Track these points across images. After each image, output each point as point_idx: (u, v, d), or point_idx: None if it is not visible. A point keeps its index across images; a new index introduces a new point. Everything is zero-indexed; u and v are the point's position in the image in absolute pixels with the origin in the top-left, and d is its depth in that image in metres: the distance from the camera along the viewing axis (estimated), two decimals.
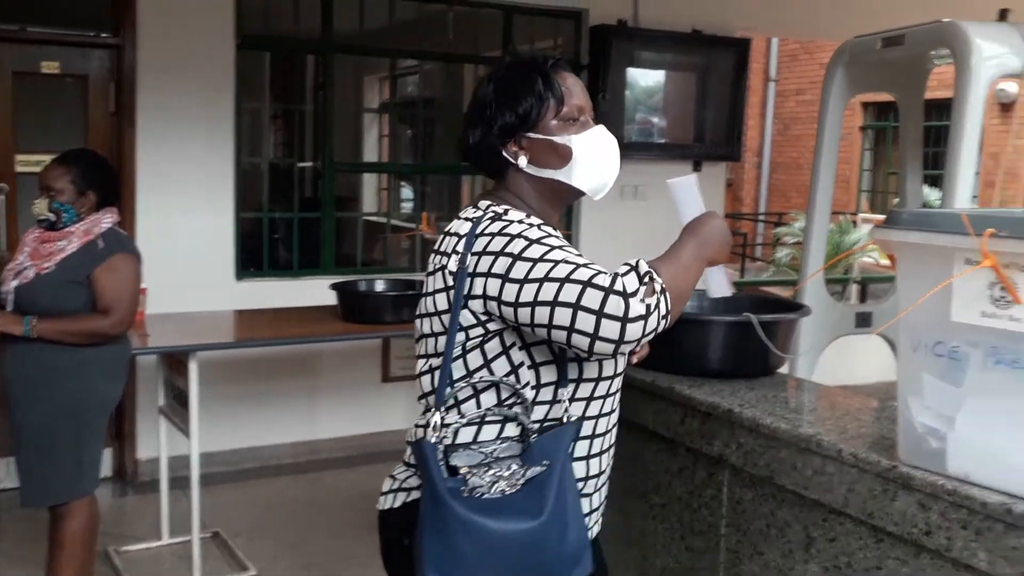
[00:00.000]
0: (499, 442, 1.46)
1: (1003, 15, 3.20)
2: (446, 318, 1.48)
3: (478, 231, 1.47)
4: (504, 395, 1.48)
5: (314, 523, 4.08)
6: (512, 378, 1.46)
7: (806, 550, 1.70)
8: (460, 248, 1.47)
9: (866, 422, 1.74)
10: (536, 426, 1.47)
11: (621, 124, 5.40)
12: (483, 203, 1.55)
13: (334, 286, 3.94)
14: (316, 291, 4.25)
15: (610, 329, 1.33)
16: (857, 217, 11.26)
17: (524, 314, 1.39)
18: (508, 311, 1.41)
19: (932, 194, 10.11)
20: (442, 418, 1.46)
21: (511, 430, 1.48)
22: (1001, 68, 3.07)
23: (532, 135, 1.55)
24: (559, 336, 1.37)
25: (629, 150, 5.29)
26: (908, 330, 1.45)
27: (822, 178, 3.78)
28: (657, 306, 1.36)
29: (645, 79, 5.70)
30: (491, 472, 1.42)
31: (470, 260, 1.45)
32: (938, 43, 3.24)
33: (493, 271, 1.42)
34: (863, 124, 13.31)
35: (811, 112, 12.58)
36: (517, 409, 1.47)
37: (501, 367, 1.47)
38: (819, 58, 12.41)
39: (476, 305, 1.44)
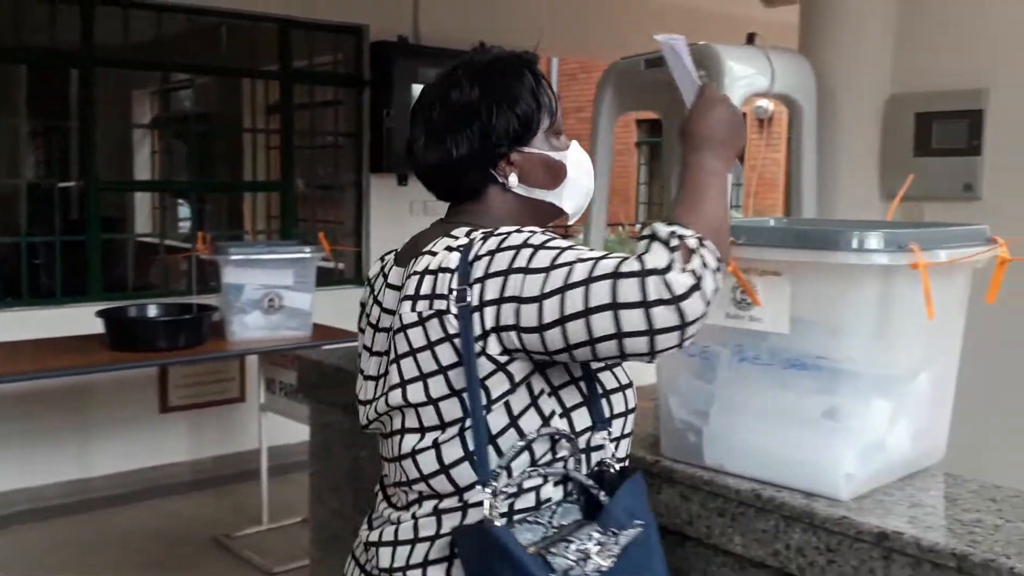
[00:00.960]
0: (555, 507, 1.21)
1: (751, 39, 3.46)
2: (456, 375, 1.19)
3: (471, 255, 1.19)
4: (542, 450, 1.21)
5: (90, 566, 3.82)
6: (547, 430, 1.21)
7: None
8: (455, 284, 1.19)
9: (638, 421, 1.83)
10: (590, 481, 1.23)
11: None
12: (461, 230, 1.26)
13: (100, 313, 3.71)
14: (83, 319, 3.98)
15: (665, 317, 1.08)
16: (635, 228, 11.86)
17: (554, 338, 1.13)
18: (533, 340, 1.14)
19: None
20: (493, 494, 1.16)
21: (550, 492, 1.22)
22: (750, 87, 3.32)
23: (526, 150, 1.32)
24: (609, 349, 1.11)
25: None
26: None
27: (597, 193, 3.95)
28: (704, 265, 1.10)
29: None
30: (574, 547, 1.14)
31: (472, 292, 1.17)
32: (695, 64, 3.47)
33: (505, 295, 1.15)
34: (638, 140, 14.06)
35: (590, 129, 13.14)
36: (571, 463, 1.23)
37: (530, 423, 1.20)
38: (596, 77, 12.98)
39: (493, 347, 1.17)
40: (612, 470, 1.26)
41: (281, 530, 4.16)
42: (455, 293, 1.18)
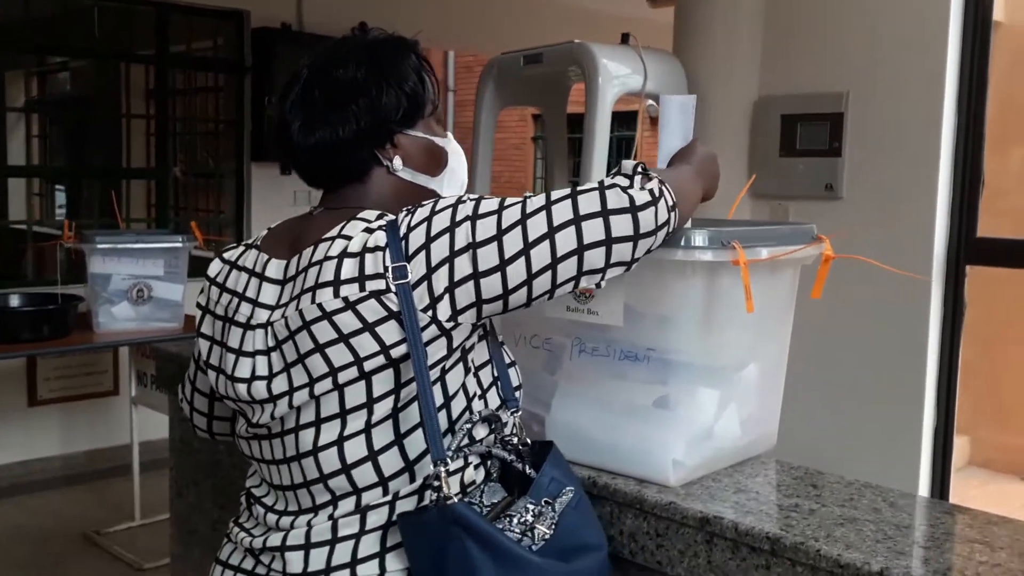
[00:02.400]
0: (482, 487, 1.21)
1: (625, 39, 3.54)
2: (399, 351, 1.14)
3: (403, 230, 1.15)
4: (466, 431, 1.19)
5: None
6: (477, 407, 1.21)
7: None
8: (389, 262, 1.14)
9: None
10: (513, 456, 1.24)
11: None
12: (370, 213, 1.21)
13: None
14: None
15: (622, 225, 1.12)
16: None
17: (516, 271, 1.12)
18: (492, 282, 1.12)
19: None
20: (446, 474, 1.12)
21: (472, 474, 1.21)
22: (624, 87, 3.39)
23: (411, 132, 1.28)
24: (568, 269, 1.12)
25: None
26: (512, 326, 1.57)
27: (478, 185, 3.98)
28: (662, 194, 1.16)
29: None
30: (515, 521, 1.15)
31: (415, 264, 1.13)
32: (571, 62, 3.53)
33: (456, 248, 1.13)
34: (534, 135, 14.16)
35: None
36: (492, 440, 1.23)
37: (459, 404, 1.20)
38: None
39: (443, 310, 1.13)
40: (523, 445, 1.27)
41: (153, 526, 4.06)
42: (391, 270, 1.14)
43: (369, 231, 1.18)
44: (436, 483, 1.12)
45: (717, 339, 1.40)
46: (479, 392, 1.23)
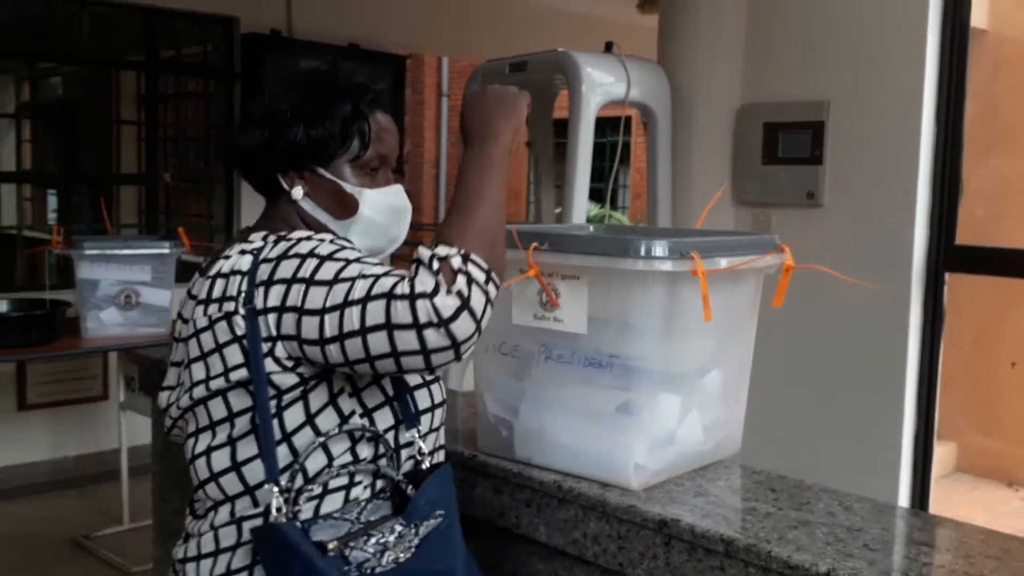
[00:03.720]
0: (365, 504, 1.23)
1: (608, 47, 3.57)
2: (241, 374, 1.20)
3: (262, 258, 1.22)
4: (339, 449, 1.23)
5: None
6: (351, 425, 1.24)
7: None
8: (244, 287, 1.21)
9: (467, 419, 1.89)
10: (400, 476, 1.27)
11: None
12: (258, 234, 1.29)
13: None
14: None
15: (437, 339, 1.11)
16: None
17: (334, 352, 1.15)
18: (314, 352, 1.17)
19: (594, 208, 11.01)
20: (286, 492, 1.19)
21: (359, 492, 1.24)
22: (607, 95, 3.43)
23: (320, 171, 1.33)
24: (386, 366, 1.14)
25: None
26: (483, 335, 1.59)
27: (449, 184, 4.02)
28: (471, 282, 1.13)
29: None
30: (373, 540, 1.18)
31: (258, 295, 1.19)
32: (555, 70, 3.56)
33: (287, 304, 1.18)
34: (528, 140, 14.18)
35: None
36: (384, 462, 1.26)
37: (327, 422, 1.22)
38: None
39: (280, 350, 1.19)
40: (423, 466, 1.30)
41: (141, 530, 4.07)
42: (243, 295, 1.21)
43: (243, 253, 1.26)
44: (271, 502, 1.18)
45: (678, 346, 1.43)
46: (360, 411, 1.25)
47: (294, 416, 1.22)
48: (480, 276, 1.15)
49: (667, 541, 1.32)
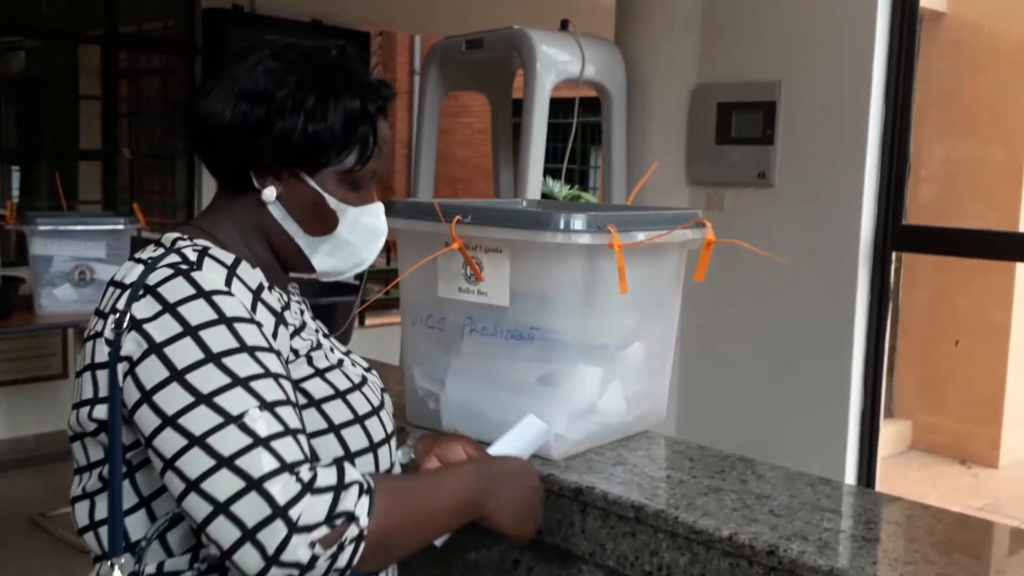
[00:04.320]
0: None
1: (564, 25, 3.58)
2: (102, 411, 1.02)
3: (147, 280, 1.01)
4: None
5: None
6: None
7: None
8: (122, 304, 1.01)
9: (397, 392, 1.91)
10: None
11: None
12: (172, 235, 1.10)
13: None
14: None
15: (250, 560, 0.91)
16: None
17: (155, 460, 0.96)
18: (151, 454, 0.97)
19: (556, 186, 11.02)
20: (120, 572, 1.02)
21: None
22: (563, 73, 3.44)
23: (304, 176, 1.12)
24: (190, 522, 0.96)
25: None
26: (407, 307, 1.62)
27: (423, 169, 4.02)
28: (333, 559, 0.93)
29: None
30: None
31: (125, 335, 0.99)
32: (511, 47, 3.57)
33: (141, 380, 0.97)
34: None
35: (451, 106, 13.19)
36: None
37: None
38: None
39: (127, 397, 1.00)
40: None
41: None
42: (117, 315, 1.01)
43: (139, 261, 1.07)
44: None
45: (598, 319, 1.45)
46: None
47: (147, 480, 1.04)
48: (342, 562, 0.95)
49: (583, 508, 1.35)
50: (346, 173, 1.14)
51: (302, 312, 1.23)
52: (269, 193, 1.12)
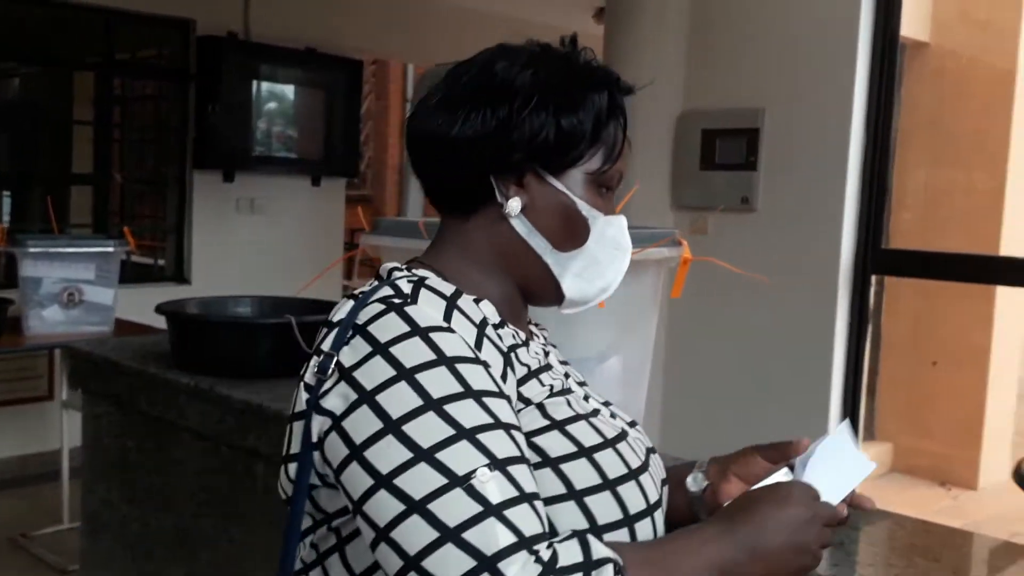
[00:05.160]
0: None
1: None
2: (292, 467, 0.93)
3: (356, 319, 0.89)
4: None
5: None
6: None
7: None
8: (326, 346, 0.90)
9: None
10: None
11: (238, 138, 5.40)
12: (389, 265, 0.99)
13: None
14: None
15: None
16: None
17: (365, 530, 0.83)
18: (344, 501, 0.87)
19: None
20: None
21: None
22: None
23: (550, 179, 0.98)
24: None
25: (249, 164, 5.31)
26: None
27: (412, 191, 4.07)
28: None
29: (270, 94, 5.69)
30: None
31: (331, 371, 0.87)
32: None
33: (343, 417, 0.85)
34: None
35: None
36: None
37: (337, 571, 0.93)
38: None
39: (321, 460, 0.90)
40: None
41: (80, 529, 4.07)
42: (321, 357, 0.90)
43: (352, 297, 0.94)
44: None
45: (576, 334, 1.49)
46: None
47: (325, 541, 0.94)
48: None
49: None
50: (594, 175, 1.00)
51: (546, 354, 1.06)
52: (515, 205, 0.97)
